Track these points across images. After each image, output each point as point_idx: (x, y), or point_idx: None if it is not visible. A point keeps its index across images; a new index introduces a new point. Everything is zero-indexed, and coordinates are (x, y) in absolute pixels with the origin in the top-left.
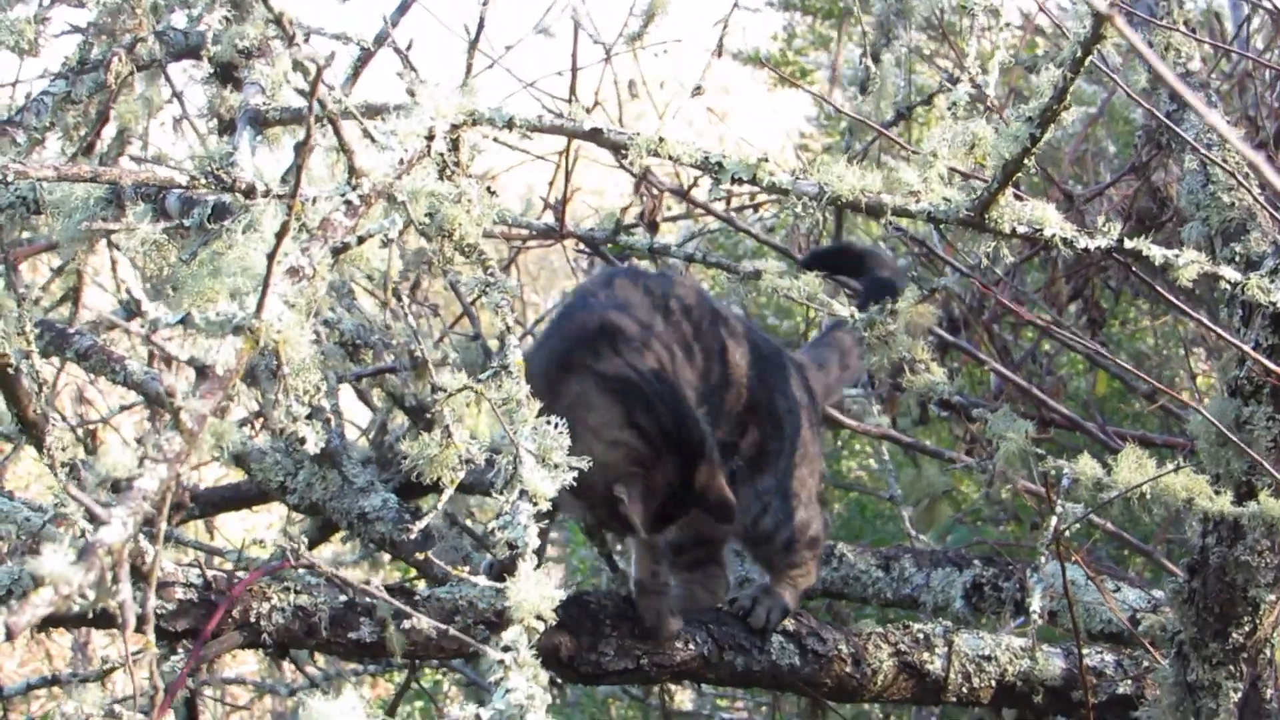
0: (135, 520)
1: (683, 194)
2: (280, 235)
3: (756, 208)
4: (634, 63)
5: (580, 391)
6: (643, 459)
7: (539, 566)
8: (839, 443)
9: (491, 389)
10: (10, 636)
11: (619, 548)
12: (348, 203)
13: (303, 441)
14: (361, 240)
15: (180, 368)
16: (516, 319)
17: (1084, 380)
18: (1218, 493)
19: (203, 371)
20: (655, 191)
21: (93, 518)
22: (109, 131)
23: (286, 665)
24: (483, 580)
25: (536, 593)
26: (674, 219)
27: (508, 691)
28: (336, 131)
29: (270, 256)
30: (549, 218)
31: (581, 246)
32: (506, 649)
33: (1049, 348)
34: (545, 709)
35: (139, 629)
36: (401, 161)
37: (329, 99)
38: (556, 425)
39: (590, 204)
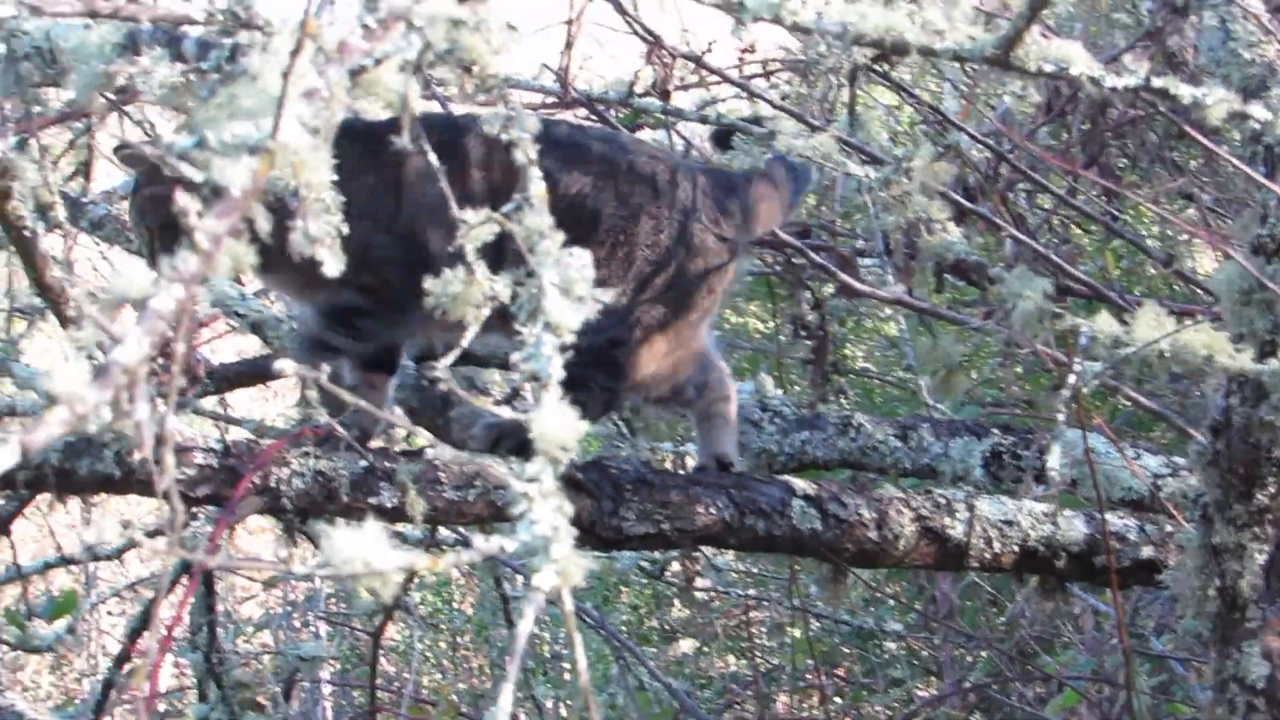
0: (151, 339)
1: (696, 59)
2: (295, 53)
3: (769, 75)
4: None
5: None
6: None
7: (563, 399)
8: (847, 327)
9: (515, 221)
10: (26, 455)
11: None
12: (365, 26)
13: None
14: (379, 62)
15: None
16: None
17: (1097, 258)
18: (1239, 350)
19: (218, 191)
20: (668, 60)
21: (108, 336)
22: None
23: (297, 550)
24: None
25: (560, 423)
26: (686, 88)
27: (532, 523)
28: None
29: (286, 75)
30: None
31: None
32: (530, 480)
33: (1064, 217)
34: (571, 543)
35: (165, 498)
36: None
37: None
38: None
39: (602, 74)
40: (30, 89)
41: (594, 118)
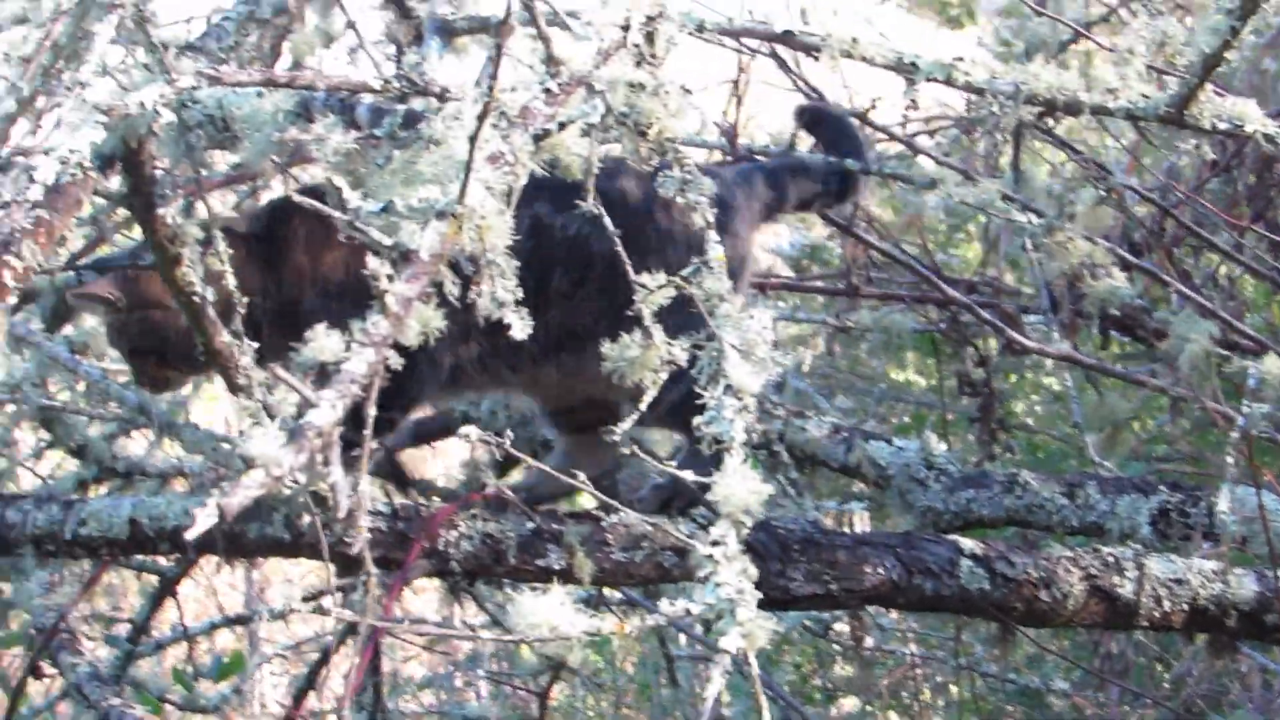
0: (344, 403)
1: (860, 116)
2: (482, 117)
3: (932, 133)
4: None
5: None
6: None
7: (744, 461)
8: (1012, 379)
9: (694, 284)
10: (224, 517)
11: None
12: (547, 90)
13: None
14: (562, 127)
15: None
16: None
17: (1264, 312)
18: None
19: (407, 256)
20: None
21: (303, 400)
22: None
23: (456, 609)
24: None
25: (744, 486)
26: None
27: (717, 586)
28: (534, 19)
29: (472, 140)
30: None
31: None
32: (715, 543)
33: (1230, 272)
34: (755, 605)
35: (340, 563)
36: (599, 51)
37: None
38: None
39: (768, 131)
40: (199, 154)
41: None
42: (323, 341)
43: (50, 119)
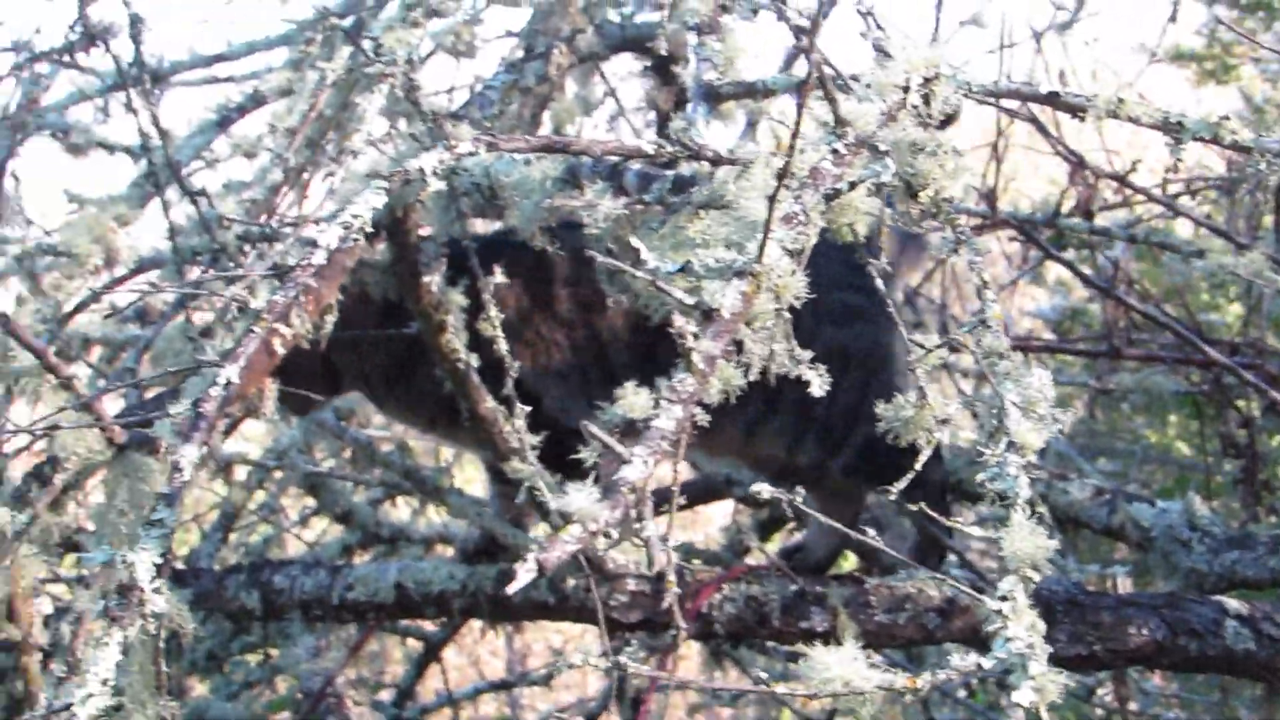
0: (655, 459)
1: (1120, 179)
2: (781, 177)
3: (1193, 194)
4: (1062, 54)
5: None
6: None
7: (1030, 518)
8: (1276, 441)
9: (972, 342)
10: (543, 572)
11: None
12: (834, 151)
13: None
14: (853, 186)
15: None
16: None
17: None
18: None
19: (709, 314)
20: (1091, 179)
21: (616, 456)
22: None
23: (718, 672)
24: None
25: (1030, 542)
26: (1110, 208)
27: (1008, 640)
28: (822, 81)
29: (771, 199)
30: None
31: (1015, 235)
32: (1004, 598)
33: None
34: (1047, 659)
35: (605, 625)
36: (882, 112)
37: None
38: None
39: (1029, 195)
40: (465, 222)
41: (1021, 238)
42: (632, 399)
43: (315, 187)
